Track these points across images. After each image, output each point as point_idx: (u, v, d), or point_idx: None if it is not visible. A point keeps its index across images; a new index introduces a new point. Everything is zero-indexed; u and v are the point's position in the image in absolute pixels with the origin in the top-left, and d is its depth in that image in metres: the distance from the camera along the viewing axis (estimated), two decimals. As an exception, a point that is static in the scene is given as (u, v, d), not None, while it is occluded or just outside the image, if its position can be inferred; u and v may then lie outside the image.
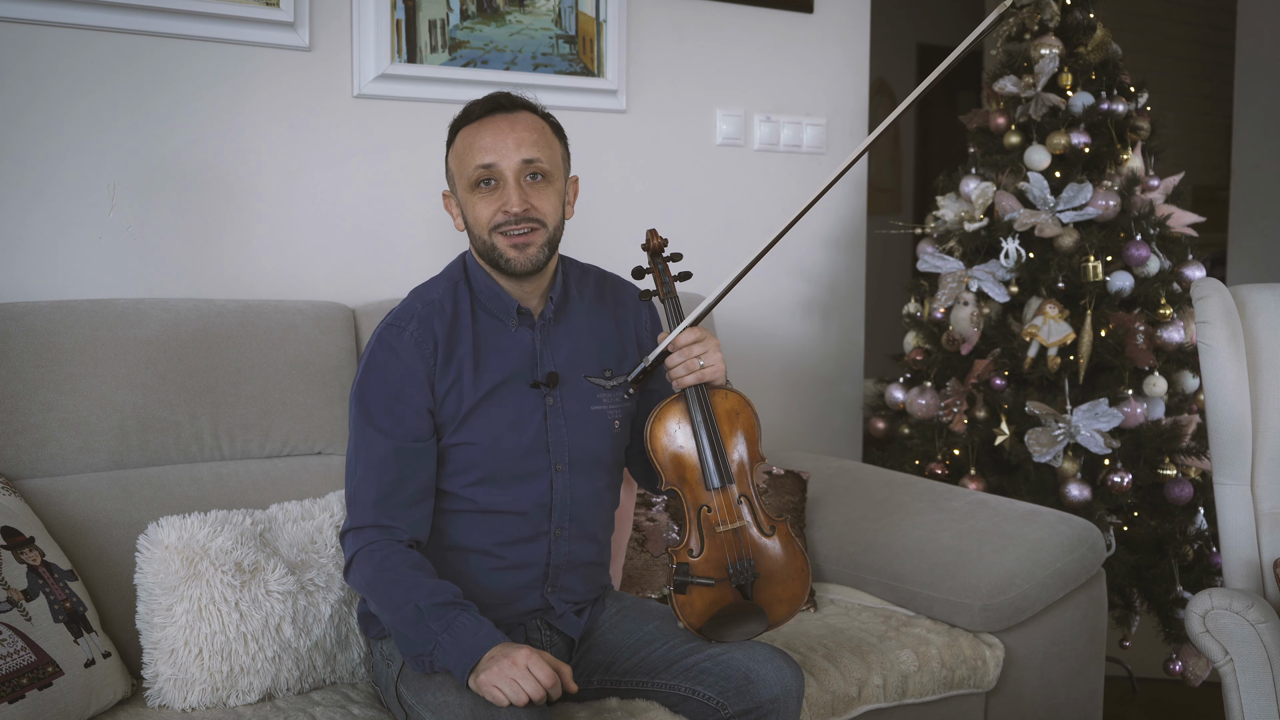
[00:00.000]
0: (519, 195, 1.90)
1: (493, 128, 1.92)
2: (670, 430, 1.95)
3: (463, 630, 1.77)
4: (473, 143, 1.92)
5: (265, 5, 2.51)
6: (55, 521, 2.09)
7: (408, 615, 1.80)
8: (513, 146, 1.90)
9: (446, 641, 1.77)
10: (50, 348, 2.17)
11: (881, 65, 4.94)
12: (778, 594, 1.96)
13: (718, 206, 3.19)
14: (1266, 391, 2.32)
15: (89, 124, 2.40)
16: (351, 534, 1.91)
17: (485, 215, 1.91)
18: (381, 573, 1.85)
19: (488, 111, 1.94)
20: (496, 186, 1.91)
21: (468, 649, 1.76)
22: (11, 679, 1.78)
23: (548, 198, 1.93)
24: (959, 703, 2.38)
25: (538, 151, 1.92)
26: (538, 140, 1.92)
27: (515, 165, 1.90)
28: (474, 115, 1.95)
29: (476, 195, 1.92)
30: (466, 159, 1.92)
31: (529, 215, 1.90)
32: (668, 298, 2.02)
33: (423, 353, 1.91)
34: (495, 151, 1.90)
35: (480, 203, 1.92)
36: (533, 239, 1.91)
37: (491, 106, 1.94)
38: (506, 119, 1.93)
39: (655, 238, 2.06)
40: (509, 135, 1.91)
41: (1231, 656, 2.11)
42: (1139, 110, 3.25)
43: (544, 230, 1.93)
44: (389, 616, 1.85)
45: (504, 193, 1.90)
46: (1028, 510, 2.58)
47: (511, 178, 1.90)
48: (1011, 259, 3.08)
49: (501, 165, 1.90)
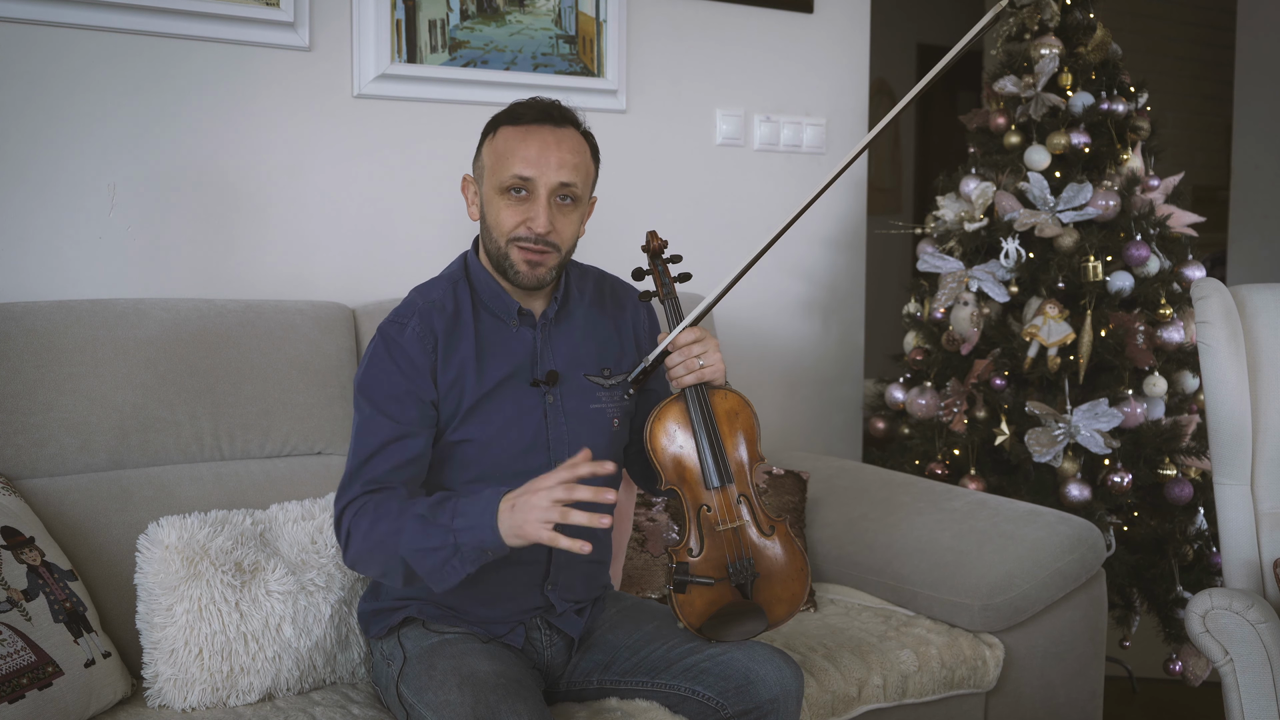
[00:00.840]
0: (546, 217, 1.89)
1: (539, 140, 1.90)
2: (670, 430, 1.95)
3: (468, 506, 1.72)
4: (515, 148, 1.90)
5: (265, 5, 2.51)
6: (55, 521, 2.09)
7: (415, 530, 1.75)
8: (554, 166, 1.89)
9: (461, 525, 1.72)
10: (50, 348, 2.17)
11: (881, 65, 4.94)
12: (777, 593, 1.96)
13: (717, 206, 3.19)
14: (1266, 391, 2.32)
15: (89, 124, 2.40)
16: (346, 510, 1.86)
17: (508, 224, 1.91)
18: (377, 518, 1.80)
19: (537, 119, 1.92)
20: (527, 198, 1.90)
21: (484, 513, 1.71)
22: (11, 679, 1.78)
23: (571, 223, 1.93)
24: (959, 703, 2.38)
25: (575, 176, 1.91)
26: (578, 164, 1.92)
27: (552, 185, 1.89)
28: (522, 118, 1.93)
29: (504, 200, 1.91)
30: (505, 162, 1.90)
31: (549, 239, 1.90)
32: (667, 299, 2.03)
33: (424, 348, 1.92)
34: (537, 166, 1.88)
35: (506, 209, 1.91)
36: (546, 260, 1.91)
37: (542, 115, 1.92)
38: (554, 134, 1.91)
39: (655, 239, 2.07)
40: (553, 153, 1.89)
41: (1231, 656, 2.11)
42: (1139, 110, 3.25)
43: (557, 254, 1.93)
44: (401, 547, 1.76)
45: (532, 208, 1.89)
46: (1028, 510, 2.58)
47: (544, 196, 1.89)
48: (1011, 259, 3.08)
49: (538, 182, 1.89)
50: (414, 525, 1.75)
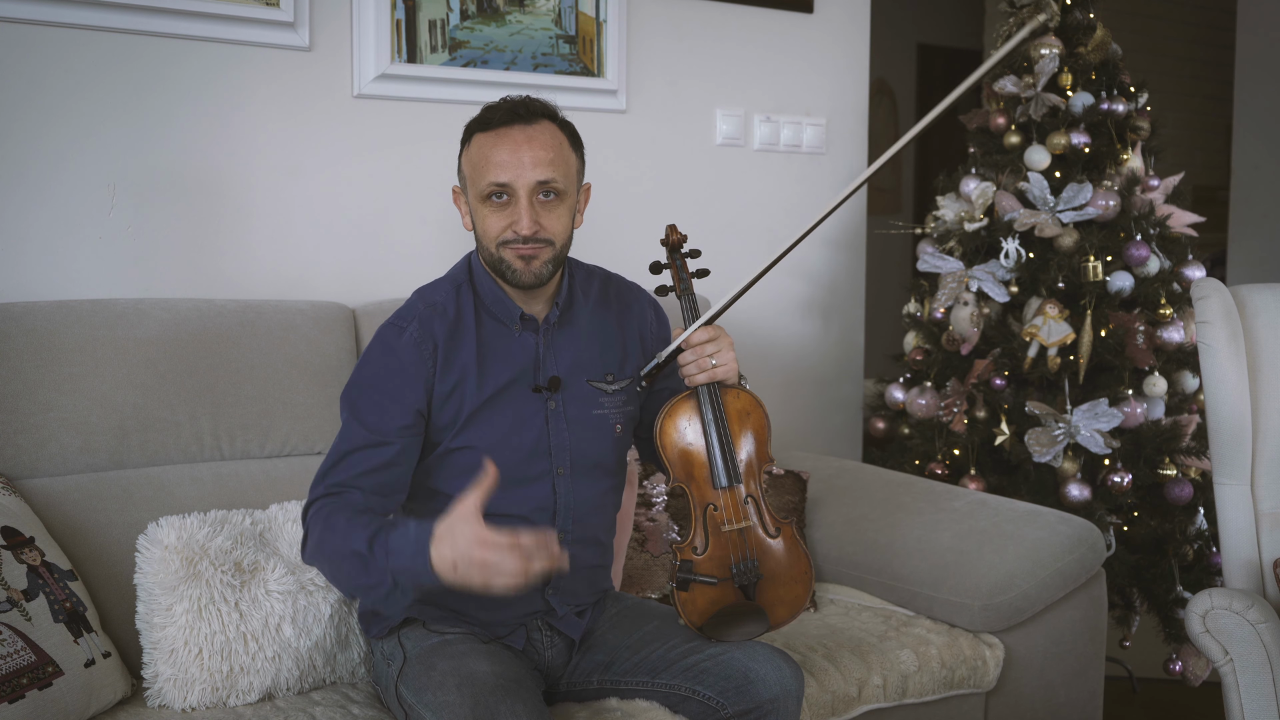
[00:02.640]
0: (529, 217, 1.88)
1: (510, 143, 1.88)
2: (680, 427, 1.95)
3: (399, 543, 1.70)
4: (488, 156, 1.89)
5: (265, 5, 2.51)
6: (55, 521, 2.09)
7: (355, 567, 1.75)
8: (528, 165, 1.87)
9: (395, 565, 1.70)
10: (50, 348, 2.17)
11: (881, 65, 4.94)
12: (780, 596, 1.96)
13: (718, 206, 3.19)
14: (1266, 391, 2.32)
15: (89, 124, 2.40)
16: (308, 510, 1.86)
17: (494, 230, 1.90)
18: (323, 534, 1.80)
19: (506, 121, 1.90)
20: (508, 202, 1.89)
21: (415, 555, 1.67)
22: (11, 679, 1.78)
23: (558, 216, 1.92)
24: (959, 703, 2.38)
25: (553, 171, 1.89)
26: (554, 159, 1.89)
27: (529, 185, 1.88)
28: (491, 123, 1.91)
29: (487, 207, 1.90)
30: (480, 170, 1.90)
31: (538, 236, 1.89)
32: (685, 294, 2.02)
33: (421, 354, 1.91)
34: (511, 170, 1.87)
35: (490, 216, 1.90)
36: (540, 253, 1.90)
37: (510, 116, 1.90)
38: (524, 132, 1.89)
39: (675, 233, 2.06)
40: (525, 153, 1.87)
41: (1231, 656, 2.11)
42: (1139, 110, 3.25)
43: (551, 248, 1.91)
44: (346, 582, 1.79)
45: (515, 210, 1.88)
46: (1028, 510, 2.58)
47: (524, 197, 1.88)
48: (1011, 259, 3.08)
49: (516, 185, 1.88)
50: (353, 563, 1.75)
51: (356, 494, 1.85)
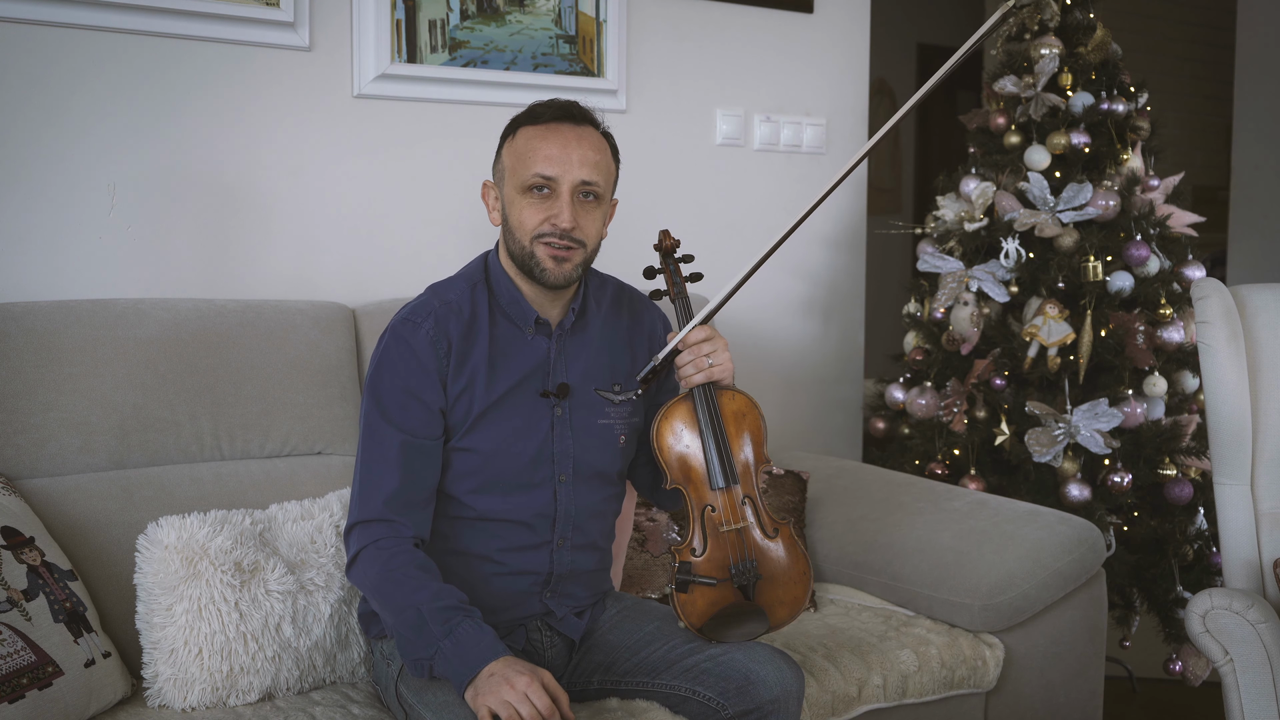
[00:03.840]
0: (570, 213, 1.88)
1: (560, 138, 1.90)
2: (677, 429, 1.95)
3: (465, 638, 1.75)
4: (537, 148, 1.90)
5: (265, 5, 2.51)
6: (55, 521, 2.09)
7: (410, 619, 1.78)
8: (576, 163, 1.89)
9: (448, 648, 1.74)
10: (50, 348, 2.17)
11: (881, 65, 4.94)
12: (779, 596, 1.96)
13: (718, 206, 3.19)
14: (1266, 391, 2.32)
15: (89, 123, 2.40)
16: (358, 529, 1.88)
17: (531, 222, 1.90)
18: (387, 572, 1.83)
19: (557, 118, 1.92)
20: (549, 196, 1.89)
21: (469, 659, 1.73)
22: (11, 679, 1.78)
23: (594, 220, 1.93)
24: (959, 703, 2.38)
25: (596, 174, 1.91)
26: (599, 162, 1.91)
27: (574, 182, 1.89)
28: (542, 117, 1.93)
29: (527, 199, 1.90)
30: (526, 161, 1.90)
31: (574, 235, 1.90)
32: (678, 298, 2.03)
33: (436, 352, 1.91)
34: (558, 164, 1.88)
35: (529, 208, 1.90)
36: (572, 256, 1.90)
37: (561, 114, 1.92)
38: (574, 131, 1.91)
39: (668, 239, 2.07)
40: (574, 150, 1.89)
41: (1231, 656, 2.11)
42: (1139, 110, 3.25)
43: (583, 251, 1.92)
44: (392, 618, 1.83)
45: (555, 205, 1.89)
46: (1028, 510, 2.58)
47: (567, 193, 1.89)
48: (1011, 259, 3.08)
49: (561, 179, 1.88)
50: (411, 614, 1.78)
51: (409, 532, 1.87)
